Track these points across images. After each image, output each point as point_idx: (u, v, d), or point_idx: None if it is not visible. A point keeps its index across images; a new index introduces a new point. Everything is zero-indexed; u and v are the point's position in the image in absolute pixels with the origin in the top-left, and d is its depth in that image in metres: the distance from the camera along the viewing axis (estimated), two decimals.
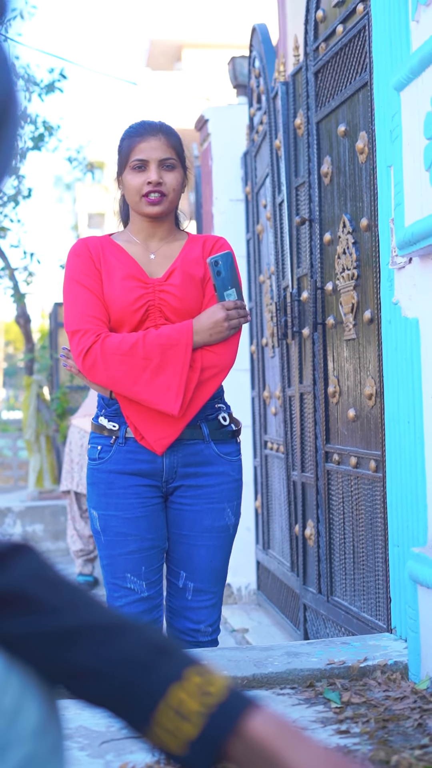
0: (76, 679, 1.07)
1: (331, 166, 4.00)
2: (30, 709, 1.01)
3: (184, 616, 3.04)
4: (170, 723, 1.03)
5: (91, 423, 3.07)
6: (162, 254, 3.05)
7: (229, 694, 1.04)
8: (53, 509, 8.53)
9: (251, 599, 6.11)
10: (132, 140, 2.99)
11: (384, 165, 3.23)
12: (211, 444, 3.02)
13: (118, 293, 2.93)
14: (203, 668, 1.06)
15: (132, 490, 2.96)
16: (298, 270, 4.57)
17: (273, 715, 1.04)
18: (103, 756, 2.33)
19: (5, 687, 1.00)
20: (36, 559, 1.11)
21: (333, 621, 4.02)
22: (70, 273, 2.99)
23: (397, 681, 2.83)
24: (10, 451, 14.22)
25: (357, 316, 3.69)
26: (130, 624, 1.09)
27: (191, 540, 3.02)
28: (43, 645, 1.06)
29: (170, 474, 2.99)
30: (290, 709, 2.64)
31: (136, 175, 2.97)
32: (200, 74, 23.57)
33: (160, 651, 1.07)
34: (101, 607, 1.10)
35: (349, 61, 3.75)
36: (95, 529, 3.01)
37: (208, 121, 6.29)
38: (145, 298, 2.94)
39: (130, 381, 2.83)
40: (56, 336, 10.49)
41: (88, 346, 2.84)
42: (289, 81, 4.67)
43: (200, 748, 1.03)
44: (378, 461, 3.46)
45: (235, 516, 3.08)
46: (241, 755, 1.02)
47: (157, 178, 2.95)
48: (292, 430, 4.82)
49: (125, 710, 1.06)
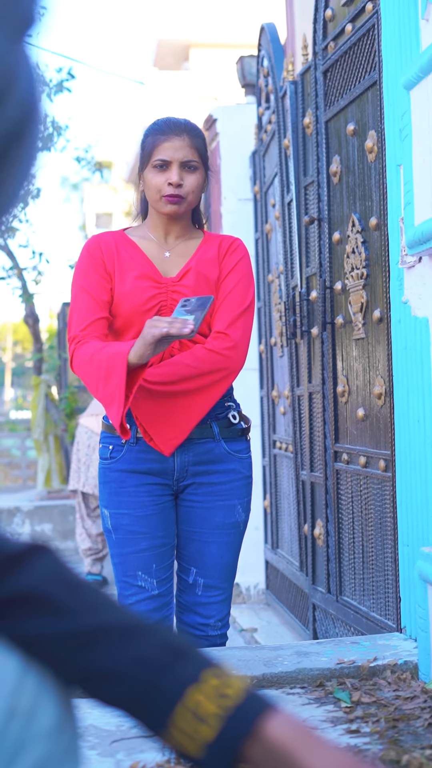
0: (94, 681, 1.07)
1: (340, 165, 3.99)
2: (46, 709, 1.02)
3: (193, 611, 3.05)
4: (187, 725, 1.03)
5: (102, 423, 3.08)
6: (177, 252, 3.05)
7: (247, 697, 1.04)
8: (62, 509, 8.54)
9: (260, 599, 6.11)
10: (156, 138, 2.98)
11: (393, 164, 3.23)
12: (221, 442, 3.02)
13: (130, 293, 2.93)
14: (220, 670, 1.06)
15: (143, 489, 2.97)
16: (307, 269, 4.56)
17: (290, 717, 1.03)
18: (113, 755, 2.33)
19: (22, 687, 1.00)
20: (54, 560, 1.11)
21: (342, 621, 4.02)
22: (77, 274, 3.01)
23: (407, 680, 2.83)
24: (19, 450, 14.24)
25: (366, 315, 3.68)
26: (148, 626, 1.09)
27: (202, 537, 3.03)
28: (61, 646, 1.06)
29: (181, 473, 3.00)
30: (300, 708, 2.64)
31: (158, 174, 2.96)
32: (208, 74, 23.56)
33: (178, 653, 1.07)
34: (118, 608, 1.10)
35: (358, 59, 3.74)
36: (107, 528, 3.02)
37: (217, 121, 6.29)
38: (158, 298, 2.95)
39: (93, 388, 2.83)
40: (64, 336, 10.49)
41: (71, 354, 2.90)
42: (298, 80, 4.66)
43: (217, 750, 1.02)
44: (387, 461, 3.46)
45: (245, 513, 3.09)
46: (258, 758, 1.02)
47: (177, 179, 2.94)
48: (301, 430, 4.82)
49: (142, 712, 1.06)
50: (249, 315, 3.00)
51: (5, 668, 1.01)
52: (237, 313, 2.97)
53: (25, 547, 1.11)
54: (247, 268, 3.05)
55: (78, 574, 1.12)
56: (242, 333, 2.96)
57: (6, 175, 0.89)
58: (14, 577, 1.08)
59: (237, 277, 3.01)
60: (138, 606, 2.97)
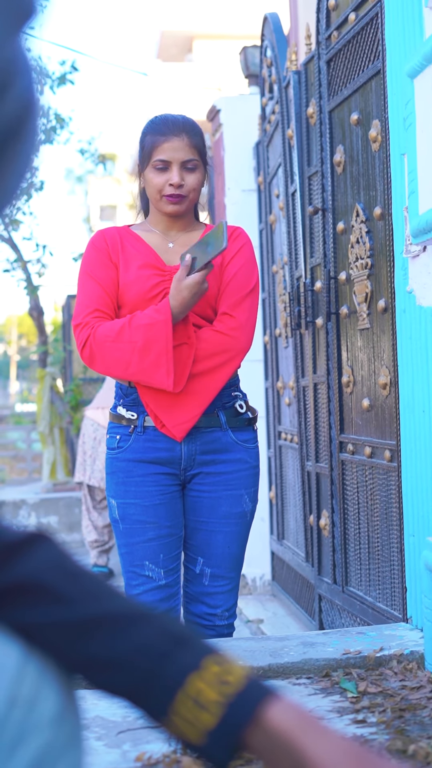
0: (95, 669, 1.07)
1: (343, 155, 3.98)
2: (47, 698, 1.01)
3: (201, 601, 3.06)
4: (188, 712, 1.03)
5: (110, 413, 3.09)
6: (180, 243, 3.08)
7: (248, 684, 1.04)
8: (67, 501, 8.54)
9: (266, 590, 6.11)
10: (155, 138, 2.99)
11: (397, 153, 3.22)
12: (228, 431, 3.04)
13: (134, 281, 2.96)
14: (221, 657, 1.06)
15: (151, 478, 2.99)
16: (312, 260, 4.55)
17: (292, 704, 1.03)
18: (119, 746, 2.33)
19: (23, 676, 1.00)
20: (54, 549, 1.11)
21: (348, 611, 4.02)
22: (84, 267, 3.04)
23: (413, 670, 2.82)
24: (24, 443, 14.24)
25: (371, 305, 3.68)
26: (148, 613, 1.09)
27: (209, 526, 3.05)
28: (61, 635, 1.06)
29: (188, 462, 3.01)
30: (306, 698, 2.64)
31: (158, 175, 2.98)
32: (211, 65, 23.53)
33: (178, 640, 1.07)
34: (119, 596, 1.10)
35: (362, 49, 3.73)
36: (114, 518, 3.03)
37: (220, 112, 6.27)
38: (162, 285, 2.97)
39: (123, 365, 2.87)
40: (69, 328, 10.49)
41: (85, 339, 2.90)
42: (301, 70, 4.65)
43: (219, 737, 1.02)
44: (393, 451, 3.45)
45: (252, 502, 3.10)
46: (259, 744, 1.02)
47: (178, 180, 2.96)
48: (306, 421, 4.81)
49: (143, 700, 1.06)
50: (254, 297, 3.03)
51: (6, 657, 1.01)
52: (242, 295, 2.99)
53: (24, 536, 1.10)
54: (249, 254, 3.08)
55: (78, 562, 1.11)
56: (248, 314, 2.99)
57: (6, 167, 0.88)
58: (14, 566, 1.08)
59: (240, 262, 3.04)
60: (145, 596, 2.98)
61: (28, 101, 0.86)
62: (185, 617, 3.12)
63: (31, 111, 0.87)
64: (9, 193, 0.89)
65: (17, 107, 0.85)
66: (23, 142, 0.88)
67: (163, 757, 2.23)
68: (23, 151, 0.89)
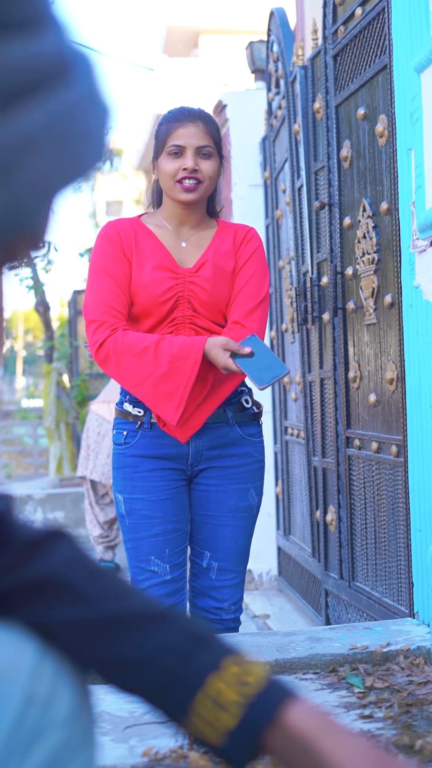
0: (114, 668, 1.06)
1: (350, 149, 3.97)
2: (63, 696, 1.01)
3: (207, 595, 3.07)
4: (208, 713, 1.03)
5: (116, 409, 3.09)
6: (193, 243, 3.05)
7: (268, 684, 1.04)
8: (74, 496, 8.55)
9: (272, 585, 6.11)
10: (170, 125, 2.98)
11: (404, 148, 3.21)
12: (234, 426, 3.05)
13: (148, 283, 2.94)
14: (241, 658, 1.06)
15: (158, 474, 2.99)
16: (318, 255, 4.55)
17: (311, 705, 1.03)
18: (126, 741, 2.33)
19: (40, 674, 1.00)
20: (73, 547, 1.10)
21: (355, 606, 4.02)
22: (97, 258, 2.99)
23: (420, 666, 2.82)
24: (31, 438, 14.26)
25: (377, 300, 3.67)
26: (168, 613, 1.09)
27: (216, 520, 3.05)
28: (83, 633, 1.05)
29: (196, 457, 3.02)
30: (313, 694, 2.64)
31: (172, 161, 2.96)
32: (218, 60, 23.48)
33: (198, 640, 1.06)
34: (139, 595, 1.10)
35: (369, 43, 3.72)
36: (120, 513, 3.04)
37: (227, 107, 6.27)
38: (175, 289, 2.96)
39: (136, 382, 2.86)
40: (75, 324, 10.50)
41: (103, 339, 2.87)
42: (308, 65, 4.64)
43: (238, 738, 1.02)
44: (399, 446, 3.45)
45: (258, 497, 3.12)
46: (279, 746, 1.02)
47: (193, 164, 2.94)
48: (313, 416, 4.81)
49: (162, 699, 1.06)
50: (265, 306, 3.03)
51: (23, 654, 1.00)
52: (254, 304, 2.99)
53: (44, 533, 1.10)
54: (262, 259, 3.07)
55: (95, 561, 1.11)
56: (259, 323, 2.99)
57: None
58: (35, 563, 1.07)
59: (252, 269, 3.03)
60: (151, 591, 2.98)
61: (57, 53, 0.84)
62: (191, 612, 3.13)
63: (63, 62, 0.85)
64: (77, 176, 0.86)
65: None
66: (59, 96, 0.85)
67: (170, 752, 2.23)
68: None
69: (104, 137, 0.86)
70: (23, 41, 0.78)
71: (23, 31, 0.79)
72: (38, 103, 0.79)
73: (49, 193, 0.83)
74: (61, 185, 0.84)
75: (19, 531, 1.10)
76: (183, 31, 26.02)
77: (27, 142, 0.79)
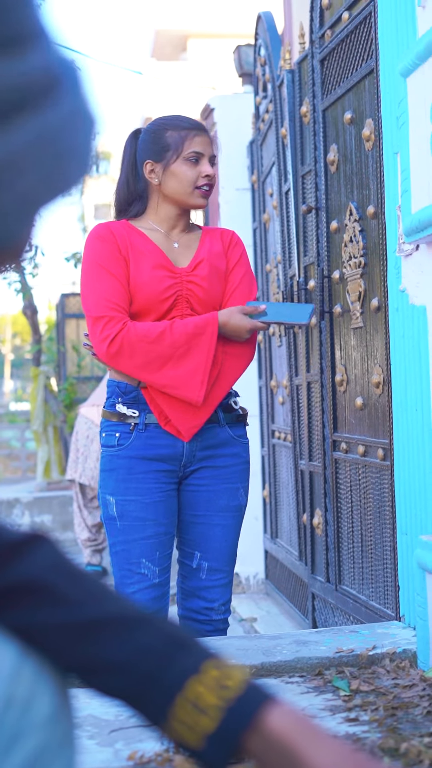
0: (94, 671, 1.06)
1: (337, 153, 3.98)
2: (42, 698, 1.01)
3: (198, 596, 3.08)
4: (188, 717, 1.03)
5: (104, 411, 3.08)
6: (183, 244, 3.11)
7: (247, 688, 1.04)
8: (61, 500, 8.54)
9: (259, 588, 6.11)
10: (187, 132, 3.03)
11: (390, 152, 3.22)
12: (225, 427, 3.10)
13: (148, 282, 2.97)
14: (221, 662, 1.06)
15: (152, 476, 3.01)
16: (305, 258, 4.55)
17: (291, 709, 1.03)
18: (112, 745, 2.33)
19: (19, 676, 1.00)
20: (53, 550, 1.10)
21: (341, 610, 4.02)
22: (94, 257, 2.99)
23: (405, 669, 2.83)
24: (18, 442, 14.24)
25: (364, 304, 3.68)
26: (148, 617, 1.09)
27: (207, 519, 3.08)
28: (61, 637, 1.05)
29: (189, 458, 3.05)
30: (299, 697, 2.64)
31: (191, 167, 3.02)
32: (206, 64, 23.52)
33: (178, 644, 1.06)
34: (119, 599, 1.10)
35: (355, 48, 3.73)
36: (110, 516, 3.02)
37: (214, 110, 6.27)
38: (174, 288, 3.00)
39: (155, 368, 2.90)
40: (63, 327, 10.48)
41: (115, 334, 2.88)
42: (295, 69, 4.65)
43: (218, 742, 1.02)
44: (386, 449, 3.45)
45: (246, 496, 3.17)
46: (259, 749, 1.02)
47: (212, 171, 3.04)
48: (300, 419, 4.81)
49: (142, 703, 1.06)
50: None
51: (2, 657, 1.00)
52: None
53: (24, 537, 1.10)
54: (248, 262, 3.18)
55: (77, 564, 1.11)
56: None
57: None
58: (14, 567, 1.07)
59: (242, 271, 3.12)
60: (139, 594, 2.98)
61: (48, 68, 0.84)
62: (181, 614, 3.13)
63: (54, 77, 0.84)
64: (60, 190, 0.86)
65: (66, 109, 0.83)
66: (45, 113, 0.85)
67: (156, 755, 2.23)
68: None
69: (90, 151, 0.86)
70: (9, 61, 0.78)
71: (9, 51, 0.79)
72: (24, 123, 0.79)
73: (32, 210, 0.83)
74: (45, 201, 0.84)
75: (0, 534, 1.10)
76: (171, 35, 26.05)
77: (11, 162, 0.79)
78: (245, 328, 2.95)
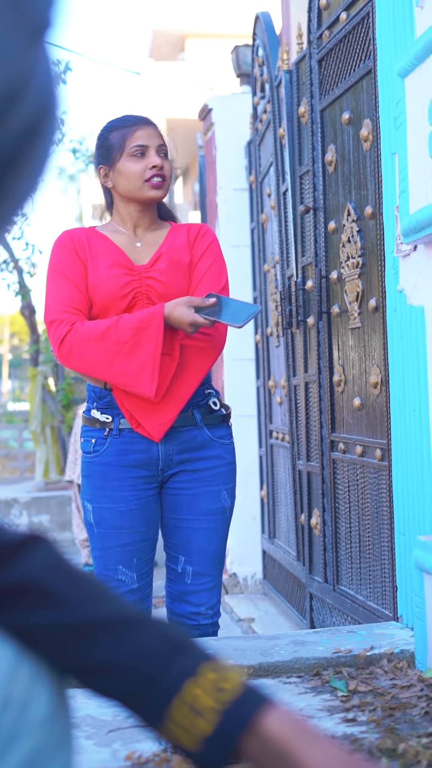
0: (91, 672, 1.06)
1: (335, 154, 3.98)
2: (40, 699, 1.01)
3: (184, 600, 3.06)
4: (184, 719, 1.03)
5: (83, 417, 3.08)
6: (147, 242, 3.09)
7: (244, 691, 1.04)
8: (59, 500, 8.54)
9: (257, 589, 6.11)
10: (126, 130, 3.02)
11: (388, 152, 3.22)
12: (204, 429, 3.05)
13: (104, 281, 2.97)
14: (218, 664, 1.06)
15: (128, 483, 2.99)
16: (303, 259, 4.55)
17: (288, 712, 1.03)
18: (109, 745, 2.33)
19: (16, 677, 1.00)
20: (51, 551, 1.10)
21: (339, 610, 4.02)
22: (53, 264, 3.02)
23: (403, 669, 2.83)
24: (16, 442, 14.23)
25: (362, 304, 3.68)
26: (146, 619, 1.08)
27: (189, 523, 3.04)
28: (59, 638, 1.05)
29: (166, 462, 3.01)
30: (297, 697, 2.64)
31: (137, 162, 3.00)
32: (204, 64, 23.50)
33: (176, 646, 1.06)
34: (117, 600, 1.09)
35: (353, 48, 3.73)
36: (89, 522, 3.03)
37: (212, 111, 6.27)
38: (132, 285, 2.98)
39: (105, 365, 2.87)
40: None
41: (63, 335, 2.89)
42: (293, 69, 4.65)
43: (214, 744, 1.02)
44: (384, 450, 3.45)
45: (230, 498, 3.11)
46: (255, 752, 1.02)
47: (160, 161, 3.00)
48: (298, 420, 4.81)
49: (139, 705, 1.06)
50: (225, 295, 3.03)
51: (0, 658, 1.00)
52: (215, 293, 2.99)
53: (22, 538, 1.10)
54: (218, 251, 3.11)
55: (75, 565, 1.11)
56: None
57: (20, 175, 0.87)
58: (12, 568, 1.07)
59: (210, 260, 3.06)
60: None
61: (44, 109, 0.85)
62: (169, 618, 3.11)
63: (47, 119, 0.86)
64: (21, 199, 0.88)
65: (33, 115, 0.84)
66: (38, 149, 0.87)
67: (153, 756, 2.23)
68: (37, 157, 0.88)
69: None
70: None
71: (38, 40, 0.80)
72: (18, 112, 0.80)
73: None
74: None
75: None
76: (169, 35, 26.03)
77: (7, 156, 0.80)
78: (186, 321, 2.84)
